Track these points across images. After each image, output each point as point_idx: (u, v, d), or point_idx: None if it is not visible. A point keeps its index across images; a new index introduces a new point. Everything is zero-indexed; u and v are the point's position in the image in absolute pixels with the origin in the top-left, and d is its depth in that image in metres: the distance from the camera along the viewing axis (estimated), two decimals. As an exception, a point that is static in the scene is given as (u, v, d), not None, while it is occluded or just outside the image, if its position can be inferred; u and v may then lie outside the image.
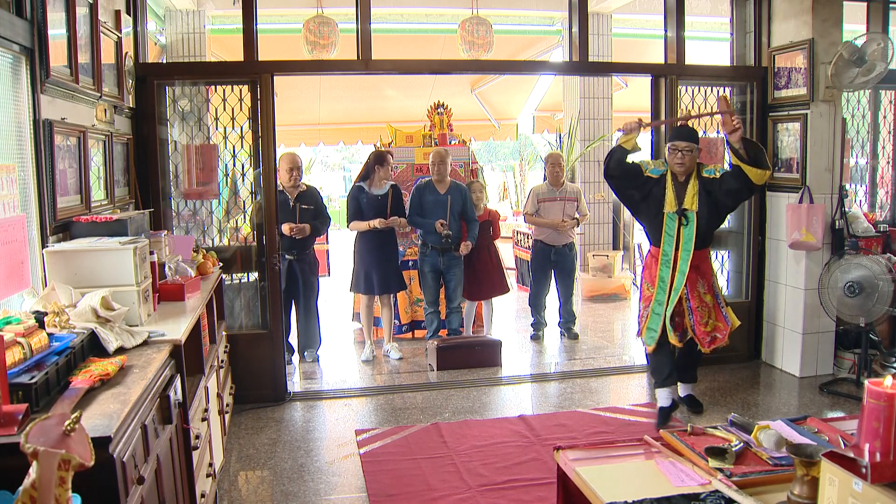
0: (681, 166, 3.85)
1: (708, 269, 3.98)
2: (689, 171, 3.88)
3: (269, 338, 4.50)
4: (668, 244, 3.90)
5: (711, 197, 3.84)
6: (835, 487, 1.47)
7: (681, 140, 3.86)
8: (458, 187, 5.46)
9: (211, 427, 3.11)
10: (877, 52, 4.34)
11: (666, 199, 3.90)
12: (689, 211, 3.85)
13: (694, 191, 3.86)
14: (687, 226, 3.84)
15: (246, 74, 4.42)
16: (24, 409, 1.56)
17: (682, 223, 3.86)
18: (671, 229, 3.88)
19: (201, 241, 4.55)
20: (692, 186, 3.86)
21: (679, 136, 3.89)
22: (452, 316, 5.57)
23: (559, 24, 7.73)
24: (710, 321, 3.91)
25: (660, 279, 3.92)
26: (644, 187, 3.95)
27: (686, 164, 3.85)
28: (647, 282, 4.03)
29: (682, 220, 3.85)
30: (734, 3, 5.20)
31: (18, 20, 2.56)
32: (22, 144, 2.63)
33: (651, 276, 3.99)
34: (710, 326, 3.91)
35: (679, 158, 3.85)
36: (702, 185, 3.86)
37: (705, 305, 3.91)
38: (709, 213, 3.85)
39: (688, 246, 3.84)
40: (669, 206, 3.89)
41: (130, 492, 1.72)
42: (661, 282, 3.91)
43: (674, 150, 3.87)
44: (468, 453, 3.63)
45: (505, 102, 10.12)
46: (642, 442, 2.21)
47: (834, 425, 2.22)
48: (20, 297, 2.52)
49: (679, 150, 3.84)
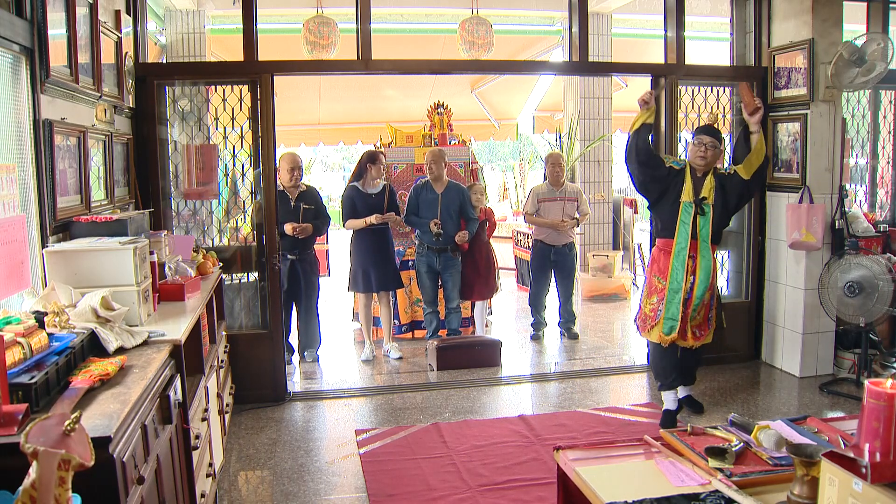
0: (703, 160, 3.89)
1: (716, 267, 3.98)
2: (709, 167, 3.92)
3: (269, 338, 4.50)
4: (683, 234, 3.89)
5: (724, 192, 3.89)
6: (835, 487, 1.47)
7: (707, 135, 3.91)
8: (457, 187, 5.46)
9: (211, 427, 3.11)
10: (877, 52, 4.34)
11: (684, 188, 3.92)
12: (706, 201, 3.88)
13: (711, 184, 3.89)
14: (704, 216, 3.86)
15: (246, 74, 4.42)
16: (24, 409, 1.56)
17: (699, 212, 3.87)
18: (687, 219, 3.89)
19: (201, 241, 4.56)
20: (709, 180, 3.90)
21: (705, 132, 3.94)
22: (452, 316, 5.57)
23: (559, 24, 7.74)
24: (697, 318, 3.94)
25: (673, 269, 3.90)
26: (665, 180, 3.96)
27: (708, 158, 3.89)
28: (657, 275, 3.99)
29: (700, 209, 3.87)
30: (734, 3, 5.20)
31: (18, 20, 2.56)
32: (22, 144, 2.63)
33: (661, 269, 3.97)
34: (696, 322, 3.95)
35: (702, 152, 3.88)
36: (717, 180, 3.90)
37: (703, 303, 3.94)
38: (722, 208, 3.91)
39: (705, 236, 3.86)
40: (687, 196, 3.90)
41: (130, 492, 1.72)
42: (675, 272, 3.89)
43: (699, 143, 3.90)
44: (468, 453, 3.63)
45: (505, 102, 10.12)
46: (642, 442, 2.21)
47: (834, 425, 2.22)
48: (20, 297, 2.52)
49: (704, 144, 3.88)
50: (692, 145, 3.97)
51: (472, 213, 5.48)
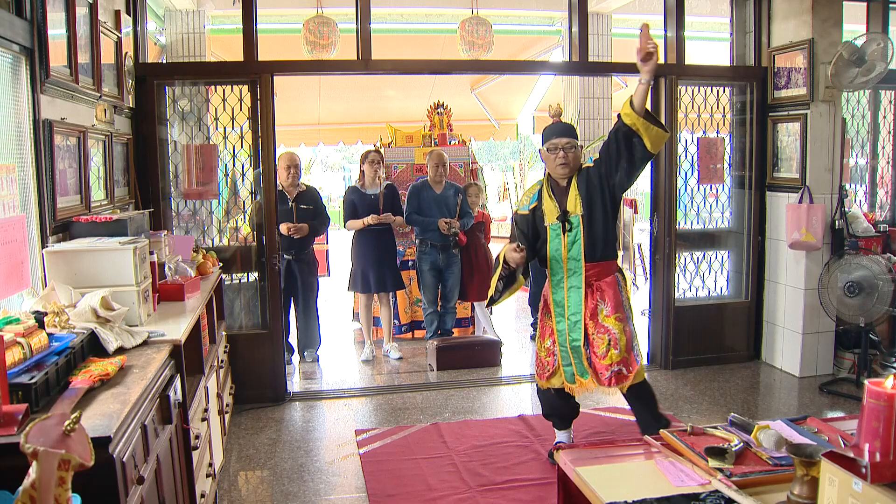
0: (564, 167, 3.20)
1: (611, 287, 3.20)
2: (573, 172, 3.24)
3: (269, 338, 4.50)
4: (555, 259, 3.25)
5: (595, 188, 3.19)
6: (834, 487, 1.47)
7: (560, 136, 3.22)
8: (454, 186, 5.56)
9: (211, 427, 3.11)
10: (877, 52, 4.34)
11: (546, 212, 3.27)
12: (571, 214, 3.20)
13: (575, 192, 3.20)
14: (571, 231, 3.19)
15: (246, 74, 4.43)
16: (24, 409, 1.56)
17: (565, 229, 3.21)
18: (556, 243, 3.24)
19: (201, 241, 4.55)
20: (573, 188, 3.22)
21: (556, 133, 3.24)
22: (448, 316, 5.59)
23: (559, 24, 7.73)
24: (611, 351, 3.13)
25: (554, 304, 3.29)
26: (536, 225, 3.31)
27: (570, 163, 3.20)
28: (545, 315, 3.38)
29: (565, 225, 3.20)
30: (734, 3, 5.20)
31: (18, 20, 2.56)
32: (22, 144, 2.63)
33: (547, 306, 3.35)
34: (612, 358, 3.13)
35: (561, 158, 3.19)
36: (582, 181, 3.21)
37: (605, 331, 3.16)
38: (601, 212, 3.19)
39: (574, 254, 3.20)
40: (550, 217, 3.25)
41: (130, 492, 1.72)
42: (557, 306, 3.28)
43: (553, 148, 3.21)
44: (468, 453, 3.63)
45: (505, 102, 10.12)
46: (642, 442, 2.21)
47: (834, 425, 2.22)
48: (20, 297, 2.52)
49: (560, 148, 3.19)
50: (545, 153, 3.27)
51: (468, 209, 5.57)
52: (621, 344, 3.13)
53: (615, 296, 3.19)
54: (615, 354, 3.12)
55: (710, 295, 5.32)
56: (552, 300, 3.31)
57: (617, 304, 3.18)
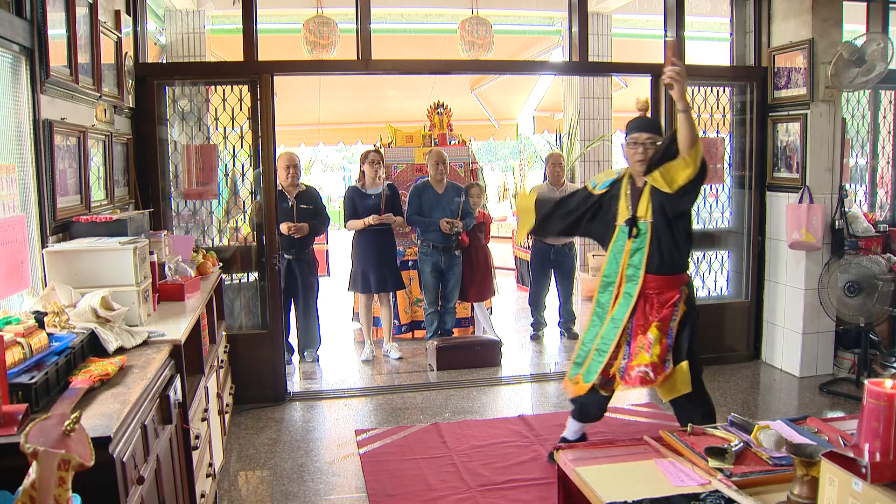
0: (642, 164, 3.08)
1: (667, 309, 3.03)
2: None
3: (269, 338, 4.50)
4: (613, 263, 3.16)
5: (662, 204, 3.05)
6: (834, 487, 1.47)
7: (641, 130, 3.10)
8: (455, 186, 5.55)
9: (211, 427, 3.11)
10: (877, 52, 4.34)
11: (619, 208, 3.17)
12: (641, 220, 3.08)
13: (648, 197, 3.06)
14: (638, 237, 3.07)
15: (246, 74, 4.42)
16: (24, 409, 1.56)
17: (632, 234, 3.08)
18: (619, 246, 3.14)
19: (201, 241, 4.55)
20: (646, 192, 3.08)
21: (637, 128, 3.12)
22: (447, 316, 5.59)
23: (559, 24, 7.73)
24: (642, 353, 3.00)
25: (597, 304, 3.20)
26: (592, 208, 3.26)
27: (649, 160, 3.07)
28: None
29: (634, 230, 3.08)
30: (734, 3, 5.20)
31: (18, 20, 2.56)
32: (22, 144, 2.63)
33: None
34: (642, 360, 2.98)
35: (640, 154, 3.08)
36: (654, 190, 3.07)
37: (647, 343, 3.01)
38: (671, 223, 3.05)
39: (635, 262, 3.08)
40: (622, 217, 3.15)
41: (130, 492, 1.72)
42: (599, 307, 3.19)
43: (633, 143, 3.10)
44: (468, 453, 3.63)
45: (505, 102, 10.12)
46: (642, 442, 2.21)
47: (834, 425, 2.23)
48: (20, 297, 2.52)
49: (641, 144, 3.08)
50: (626, 147, 3.15)
51: (469, 208, 5.56)
52: (654, 350, 2.97)
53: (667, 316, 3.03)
54: (646, 357, 2.98)
55: (711, 295, 5.32)
56: (596, 299, 3.21)
57: (664, 318, 3.03)
